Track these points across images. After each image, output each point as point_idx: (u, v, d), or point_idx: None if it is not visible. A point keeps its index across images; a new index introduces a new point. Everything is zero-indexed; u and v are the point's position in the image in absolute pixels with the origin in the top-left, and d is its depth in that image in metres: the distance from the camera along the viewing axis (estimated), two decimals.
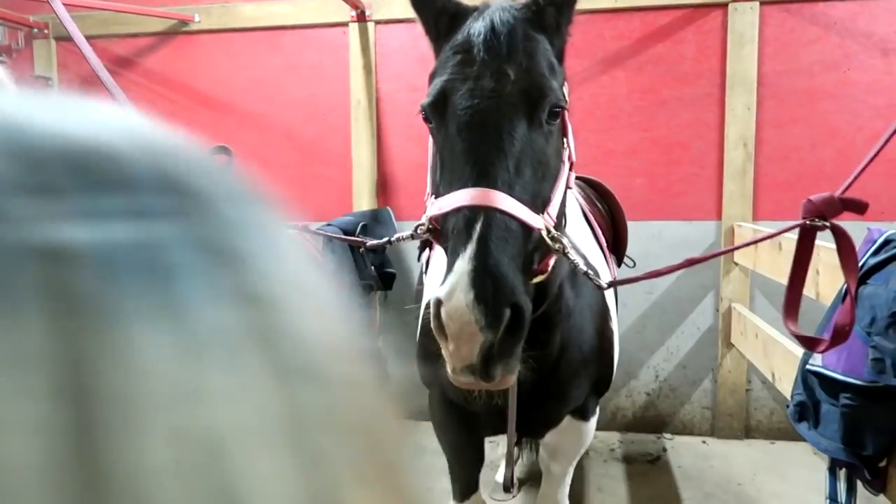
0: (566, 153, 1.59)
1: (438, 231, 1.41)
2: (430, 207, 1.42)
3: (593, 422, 2.38)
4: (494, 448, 3.90)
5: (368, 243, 1.81)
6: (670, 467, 4.09)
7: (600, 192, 3.31)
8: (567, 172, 1.58)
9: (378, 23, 4.75)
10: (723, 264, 4.43)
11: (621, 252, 3.24)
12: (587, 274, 1.53)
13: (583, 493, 3.70)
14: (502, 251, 1.25)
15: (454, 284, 1.20)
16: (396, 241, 1.64)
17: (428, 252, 1.49)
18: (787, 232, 1.78)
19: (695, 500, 3.64)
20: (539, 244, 1.40)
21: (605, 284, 1.61)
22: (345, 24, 4.78)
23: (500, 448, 3.85)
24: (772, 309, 4.36)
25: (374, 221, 4.41)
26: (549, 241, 1.40)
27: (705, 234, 4.48)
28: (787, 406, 2.31)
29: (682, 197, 4.53)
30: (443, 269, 1.32)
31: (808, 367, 2.17)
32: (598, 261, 2.36)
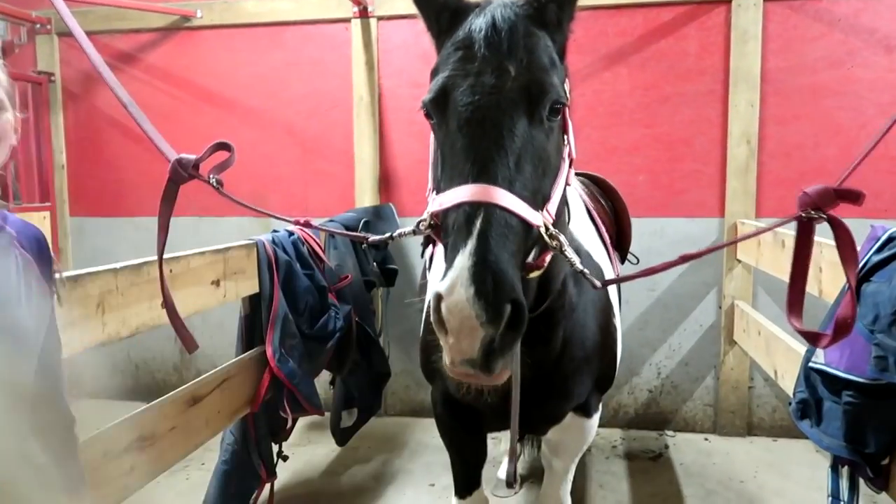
0: (566, 150, 1.58)
1: (439, 227, 1.41)
2: (432, 203, 1.42)
3: (596, 418, 2.38)
4: (496, 445, 3.90)
5: (370, 239, 1.80)
6: (672, 464, 4.09)
7: (604, 188, 3.31)
8: (567, 169, 1.58)
9: (380, 19, 4.74)
10: (725, 261, 4.42)
11: (625, 248, 3.24)
12: (582, 272, 1.53)
13: (584, 490, 3.70)
14: (502, 247, 1.25)
15: (454, 279, 1.20)
16: (398, 236, 1.64)
17: (431, 248, 1.49)
18: (782, 225, 1.77)
19: (696, 498, 3.63)
20: (537, 240, 1.41)
21: (598, 283, 1.60)
22: (347, 20, 4.77)
23: (501, 445, 3.85)
24: (774, 306, 4.35)
25: (377, 217, 4.41)
26: (546, 238, 1.40)
27: (708, 231, 4.47)
28: (790, 403, 2.31)
29: (684, 194, 4.52)
30: (443, 264, 1.32)
31: (811, 364, 2.16)
32: (602, 257, 2.36)
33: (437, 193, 1.42)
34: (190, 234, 4.88)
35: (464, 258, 1.22)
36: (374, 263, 4.20)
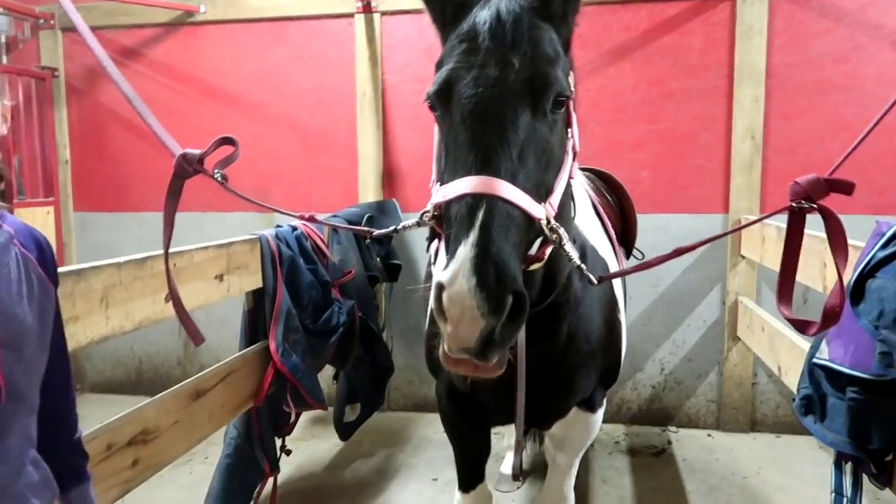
0: (570, 143, 1.58)
1: (443, 217, 1.41)
2: (435, 195, 1.43)
3: (600, 414, 2.38)
4: (499, 440, 3.91)
5: (375, 233, 1.81)
6: (675, 460, 4.09)
7: (610, 183, 3.30)
8: (571, 162, 1.58)
9: (384, 14, 4.73)
10: (729, 257, 4.41)
11: (630, 244, 3.24)
12: (579, 267, 1.53)
13: (587, 485, 3.70)
14: (504, 239, 1.26)
15: (456, 270, 1.21)
16: (403, 229, 1.65)
17: (437, 243, 1.49)
18: (774, 215, 1.77)
19: (699, 493, 3.63)
20: (538, 233, 1.41)
21: (594, 279, 1.60)
22: (350, 15, 4.76)
23: (504, 440, 3.86)
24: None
25: (380, 213, 4.41)
26: (547, 231, 1.41)
27: (712, 227, 4.45)
28: (793, 400, 2.30)
29: (688, 189, 4.50)
30: (445, 254, 1.33)
31: (815, 360, 2.16)
32: (607, 253, 2.35)
33: (440, 185, 1.42)
34: (194, 228, 4.88)
35: (466, 249, 1.22)
36: (378, 258, 4.20)
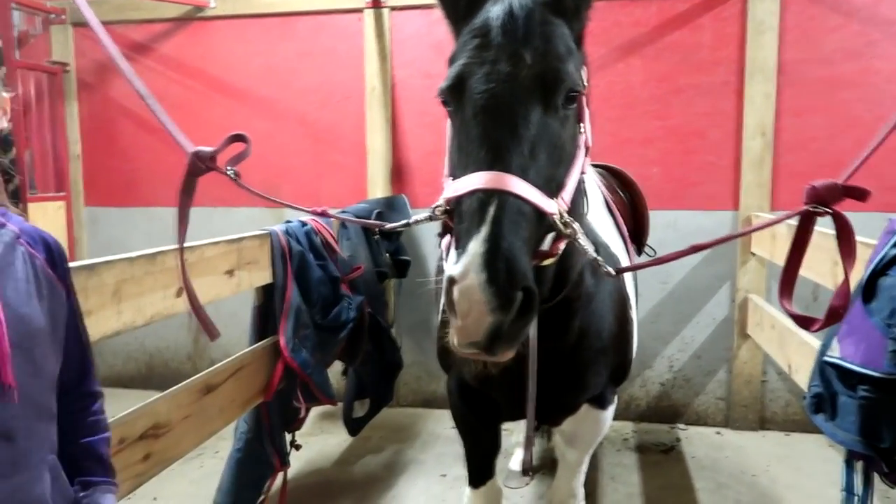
0: (582, 138, 1.58)
1: (454, 212, 1.42)
2: (447, 189, 1.44)
3: (611, 411, 2.37)
4: (507, 436, 3.91)
5: (387, 226, 1.82)
6: (684, 457, 4.08)
7: (622, 180, 3.30)
8: (583, 157, 1.57)
9: (393, 9, 4.72)
10: (739, 255, 4.40)
11: (642, 240, 3.23)
12: (596, 260, 1.53)
13: (596, 482, 3.70)
14: (515, 234, 1.27)
15: (467, 265, 1.22)
16: (415, 223, 1.66)
17: (449, 238, 1.51)
18: (791, 217, 1.78)
19: (708, 491, 3.63)
20: (551, 228, 1.41)
21: (612, 270, 1.61)
22: (360, 10, 4.76)
23: (513, 436, 3.86)
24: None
25: (389, 209, 4.41)
26: (560, 226, 1.41)
27: (721, 224, 4.43)
28: (804, 398, 2.29)
29: (698, 186, 4.48)
30: (456, 248, 1.33)
31: (826, 358, 2.14)
32: (619, 249, 2.35)
33: (452, 179, 1.43)
34: (203, 224, 4.88)
35: (477, 244, 1.23)
36: (387, 254, 4.20)
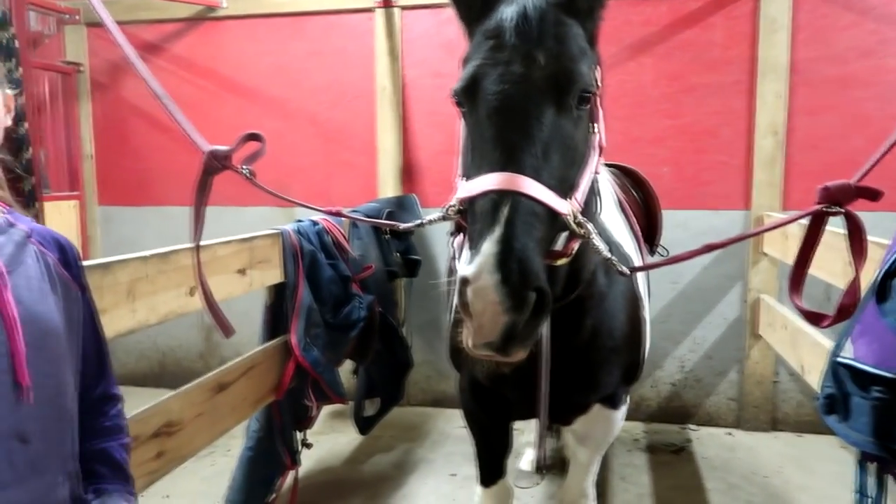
0: (595, 138, 1.58)
1: (466, 212, 1.43)
2: (460, 189, 1.45)
3: (623, 410, 2.37)
4: (517, 436, 3.91)
5: (402, 226, 1.83)
6: (694, 458, 4.07)
7: (635, 179, 3.29)
8: (596, 157, 1.58)
9: (404, 8, 4.73)
10: (751, 254, 4.37)
11: (655, 240, 3.23)
12: (610, 260, 1.54)
13: (606, 482, 3.70)
14: (528, 235, 1.27)
15: (481, 265, 1.23)
16: (429, 222, 1.67)
17: (461, 236, 1.52)
18: (804, 217, 1.78)
19: (719, 492, 3.61)
20: (564, 228, 1.42)
21: (626, 270, 1.61)
22: (370, 10, 4.76)
23: (523, 436, 3.86)
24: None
25: (399, 208, 4.41)
26: (574, 226, 1.41)
27: (733, 223, 4.41)
28: (816, 398, 2.28)
29: (709, 185, 4.47)
30: (469, 249, 1.34)
31: (839, 359, 2.13)
32: (631, 249, 2.35)
33: (465, 180, 1.44)
34: (214, 223, 4.89)
35: (490, 245, 1.24)
36: (397, 254, 4.21)
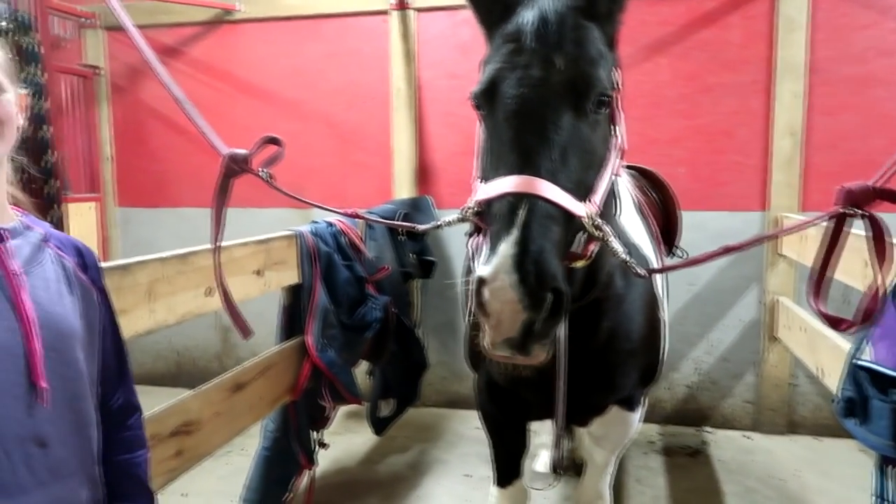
0: (615, 141, 1.58)
1: (484, 214, 1.44)
2: (478, 192, 1.46)
3: (640, 412, 2.37)
4: (532, 438, 3.90)
5: (419, 228, 1.84)
6: (711, 461, 4.04)
7: (653, 181, 3.29)
8: (616, 160, 1.58)
9: (419, 10, 4.74)
10: (768, 256, 4.34)
11: (673, 242, 3.22)
12: (627, 262, 1.54)
13: (621, 484, 3.68)
14: (544, 237, 1.29)
15: (498, 266, 1.25)
16: (446, 224, 1.69)
17: (478, 238, 1.54)
18: (824, 219, 1.76)
19: (735, 495, 3.59)
20: (582, 230, 1.43)
21: (643, 271, 1.61)
22: (385, 12, 4.78)
23: (538, 437, 3.85)
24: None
25: (414, 209, 4.43)
26: (591, 228, 1.42)
27: (750, 224, 4.38)
28: (834, 401, 2.26)
29: (726, 186, 4.44)
30: (486, 250, 1.35)
31: (858, 361, 2.11)
32: (649, 251, 2.35)
33: (483, 182, 1.46)
34: (230, 224, 4.92)
35: (507, 246, 1.26)
36: (412, 255, 4.22)
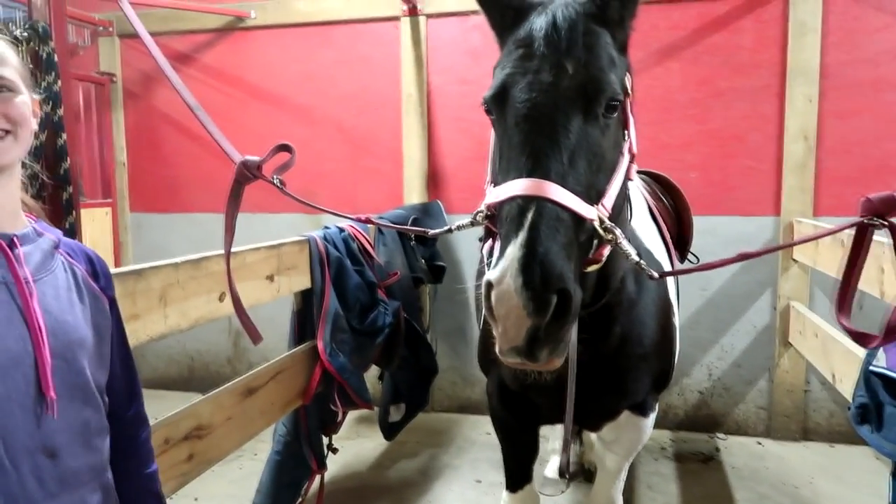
0: (626, 145, 1.59)
1: (495, 217, 1.45)
2: (489, 195, 1.47)
3: (652, 418, 2.36)
4: (543, 443, 3.89)
5: (430, 232, 1.85)
6: (723, 467, 4.02)
7: (665, 186, 3.28)
8: (626, 164, 1.58)
9: (429, 16, 4.76)
10: (781, 261, 4.31)
11: (685, 247, 3.21)
12: (639, 264, 1.54)
13: (633, 491, 3.67)
14: (552, 239, 1.29)
15: (504, 269, 1.25)
16: (457, 228, 1.69)
17: (491, 242, 1.55)
18: (845, 230, 1.74)
19: (748, 501, 3.56)
20: (592, 234, 1.43)
21: (654, 273, 1.60)
22: (396, 19, 4.81)
23: (549, 443, 3.84)
24: (832, 308, 4.21)
25: (425, 215, 4.43)
26: (601, 231, 1.42)
27: (762, 229, 4.36)
28: (849, 408, 2.24)
29: (738, 191, 4.42)
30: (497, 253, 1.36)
31: (872, 368, 2.10)
32: (662, 256, 2.34)
33: (494, 186, 1.47)
34: (242, 230, 4.96)
35: (514, 249, 1.27)
36: (423, 260, 4.23)
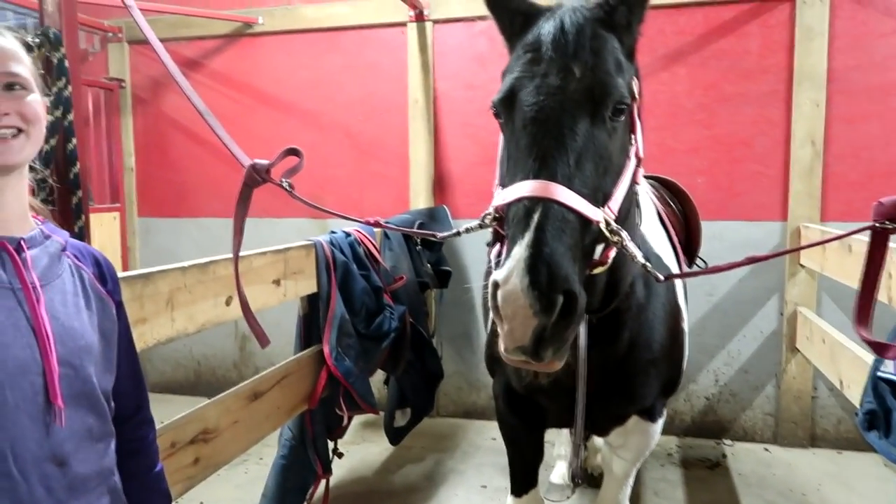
0: (633, 149, 1.60)
1: (503, 220, 1.47)
2: (496, 197, 1.49)
3: (660, 423, 2.35)
4: (548, 449, 3.88)
5: (438, 235, 1.86)
6: (730, 474, 3.99)
7: (674, 191, 3.29)
8: (633, 168, 1.59)
9: (436, 22, 4.78)
10: (788, 266, 4.29)
11: (694, 252, 3.21)
12: (645, 266, 1.54)
13: (639, 497, 3.65)
14: (558, 240, 1.30)
15: (511, 270, 1.27)
16: (465, 231, 1.70)
17: (499, 247, 1.56)
18: (855, 234, 1.73)
19: None
20: (598, 236, 1.44)
21: (660, 276, 1.61)
22: (403, 24, 4.83)
23: (555, 448, 3.83)
24: (840, 313, 4.20)
25: (431, 219, 4.44)
26: (607, 233, 1.42)
27: (769, 234, 4.35)
28: (856, 414, 2.23)
29: (745, 196, 4.41)
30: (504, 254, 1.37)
31: (880, 374, 2.09)
32: (671, 261, 2.34)
33: (502, 188, 1.48)
34: (249, 234, 4.98)
35: (521, 249, 1.28)
36: (429, 265, 4.23)
